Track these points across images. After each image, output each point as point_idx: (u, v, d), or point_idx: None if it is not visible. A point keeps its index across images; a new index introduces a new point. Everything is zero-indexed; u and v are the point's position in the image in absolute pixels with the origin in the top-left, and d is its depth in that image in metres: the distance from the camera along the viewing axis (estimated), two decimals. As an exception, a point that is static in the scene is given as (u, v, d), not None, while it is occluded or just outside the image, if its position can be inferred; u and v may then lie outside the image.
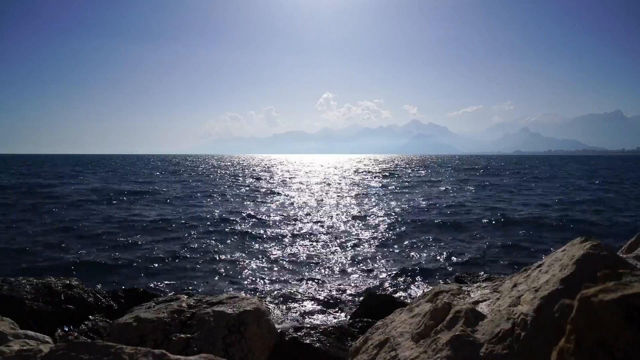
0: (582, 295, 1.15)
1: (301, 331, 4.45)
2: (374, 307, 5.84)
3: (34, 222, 17.27)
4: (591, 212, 20.76)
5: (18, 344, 2.79)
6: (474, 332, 2.35)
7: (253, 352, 3.96)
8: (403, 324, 2.93)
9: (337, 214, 20.59)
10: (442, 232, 15.81)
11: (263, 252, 12.93)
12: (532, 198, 26.88)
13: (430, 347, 2.44)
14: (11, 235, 14.77)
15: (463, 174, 56.16)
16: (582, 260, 2.25)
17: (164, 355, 2.36)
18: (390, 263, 11.70)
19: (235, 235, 15.42)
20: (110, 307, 5.51)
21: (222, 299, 4.43)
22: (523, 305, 2.28)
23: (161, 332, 3.88)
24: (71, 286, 5.48)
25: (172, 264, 11.65)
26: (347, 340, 4.37)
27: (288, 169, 78.28)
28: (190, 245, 13.69)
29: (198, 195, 28.87)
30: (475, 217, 19.18)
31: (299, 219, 18.89)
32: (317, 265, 11.39)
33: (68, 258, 11.90)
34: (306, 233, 15.74)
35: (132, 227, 16.70)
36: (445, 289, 3.00)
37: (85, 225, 16.87)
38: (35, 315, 4.81)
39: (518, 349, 2.12)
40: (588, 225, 17.37)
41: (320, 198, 27.58)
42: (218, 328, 3.94)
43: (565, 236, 14.36)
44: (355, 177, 51.97)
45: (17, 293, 4.98)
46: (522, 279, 2.64)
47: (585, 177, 48.51)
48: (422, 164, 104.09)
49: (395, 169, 75.48)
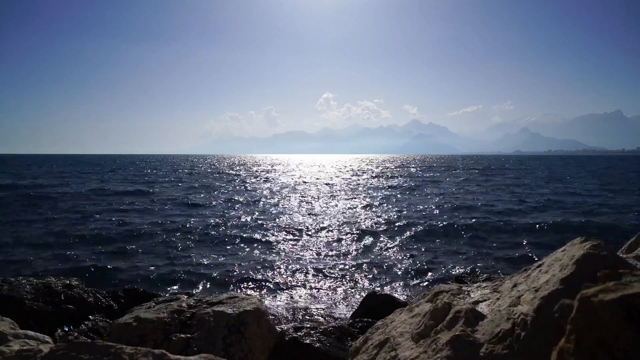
0: (582, 295, 1.15)
1: (301, 331, 4.45)
2: (374, 307, 5.83)
3: (34, 222, 17.27)
4: (591, 213, 20.76)
5: (18, 344, 2.79)
6: (474, 332, 2.35)
7: (253, 352, 3.96)
8: (403, 324, 2.92)
9: (337, 214, 20.59)
10: (443, 233, 15.80)
11: (263, 252, 12.93)
12: (532, 198, 26.87)
13: (430, 347, 2.44)
14: (11, 235, 14.77)
15: (463, 174, 56.15)
16: (582, 260, 2.25)
17: (164, 355, 2.36)
18: (391, 263, 11.70)
19: (235, 235, 15.41)
20: (110, 307, 5.51)
21: (222, 299, 4.43)
22: (523, 305, 2.28)
23: (161, 332, 3.88)
24: (71, 286, 5.48)
25: (172, 264, 11.64)
26: (347, 340, 4.36)
27: (288, 169, 78.28)
28: (190, 245, 13.70)
29: (198, 195, 28.88)
30: (476, 218, 19.18)
31: (299, 220, 18.89)
32: (317, 266, 11.39)
33: (68, 258, 11.90)
34: (306, 233, 15.74)
35: (132, 227, 16.70)
36: (445, 289, 3.00)
37: (85, 225, 16.87)
38: (35, 315, 4.80)
39: (518, 349, 2.12)
40: (588, 225, 17.37)
41: (321, 199, 27.58)
42: (218, 328, 3.94)
43: (565, 236, 14.36)
44: (355, 177, 51.97)
45: (17, 293, 4.98)
46: (522, 279, 2.64)
47: (586, 177, 48.51)
48: (424, 164, 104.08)
49: (395, 169, 75.48)
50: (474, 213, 20.63)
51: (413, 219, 18.91)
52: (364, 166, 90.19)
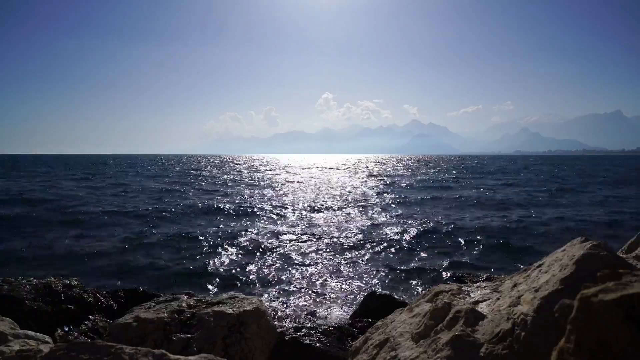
0: (582, 295, 1.15)
1: (301, 331, 4.45)
2: (374, 307, 5.83)
3: (34, 222, 17.27)
4: (592, 212, 20.75)
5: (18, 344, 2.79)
6: (474, 332, 2.35)
7: (253, 352, 3.96)
8: (403, 324, 2.93)
9: (337, 214, 20.59)
10: (443, 233, 15.80)
11: (263, 252, 12.92)
12: (532, 197, 26.88)
13: (430, 347, 2.44)
14: (10, 235, 14.77)
15: (465, 174, 56.14)
16: (582, 260, 2.25)
17: (164, 355, 2.36)
18: (391, 263, 11.70)
19: (235, 235, 15.41)
20: (110, 307, 5.50)
21: (222, 299, 4.43)
22: (523, 305, 2.28)
23: (161, 332, 3.88)
24: (71, 286, 5.48)
25: (172, 264, 11.64)
26: (347, 340, 4.36)
27: (289, 169, 78.28)
28: (190, 245, 13.69)
29: (198, 196, 28.87)
30: (476, 218, 19.17)
31: (300, 220, 18.89)
32: (317, 266, 11.39)
33: (68, 258, 11.90)
34: (306, 233, 15.74)
35: (131, 227, 16.70)
36: (445, 289, 3.00)
37: (85, 225, 16.87)
38: (35, 315, 4.80)
39: (518, 349, 2.12)
40: (588, 225, 17.37)
41: (321, 199, 27.57)
42: (218, 328, 3.94)
43: (565, 236, 14.37)
44: (355, 178, 51.96)
45: (17, 293, 4.97)
46: (522, 279, 2.64)
47: (586, 177, 48.50)
48: (425, 164, 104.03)
49: (396, 169, 75.46)
50: (475, 213, 20.63)
51: (413, 219, 18.91)
52: (364, 166, 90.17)
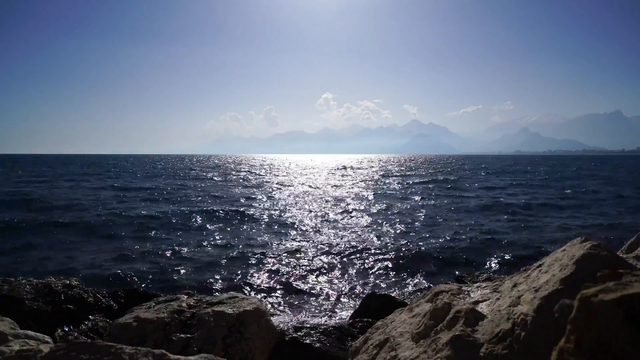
0: (582, 295, 1.15)
1: (301, 331, 4.45)
2: (374, 307, 5.83)
3: (34, 222, 17.26)
4: (592, 213, 20.76)
5: (18, 344, 2.79)
6: (474, 332, 2.35)
7: (253, 352, 3.96)
8: (403, 324, 2.93)
9: (337, 214, 20.59)
10: (443, 233, 15.80)
11: (263, 252, 12.92)
12: (532, 197, 26.87)
13: (430, 347, 2.44)
14: (10, 235, 14.77)
15: (465, 174, 56.14)
16: (582, 260, 2.25)
17: (164, 355, 2.36)
18: (391, 263, 11.69)
19: (235, 235, 15.41)
20: (110, 307, 5.51)
21: (222, 299, 4.43)
22: (523, 305, 2.28)
23: (161, 332, 3.88)
24: (71, 286, 5.48)
25: (172, 264, 11.64)
26: (347, 340, 4.36)
27: (289, 169, 78.27)
28: (190, 245, 13.69)
29: (198, 195, 28.87)
30: (477, 218, 19.18)
31: (300, 220, 18.89)
32: (317, 266, 11.39)
33: (68, 258, 11.90)
34: (306, 233, 15.75)
35: (131, 227, 16.70)
36: (445, 289, 3.00)
37: (85, 225, 16.86)
38: (35, 315, 4.80)
39: (518, 349, 2.12)
40: (588, 225, 17.37)
41: (322, 199, 27.57)
42: (218, 328, 3.94)
43: (565, 236, 14.38)
44: (355, 178, 51.96)
45: (17, 293, 4.97)
46: (522, 279, 2.64)
47: (586, 177, 48.49)
48: (426, 165, 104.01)
49: (395, 169, 75.46)
50: (476, 214, 20.63)
51: (413, 219, 18.91)
52: (364, 167, 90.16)
